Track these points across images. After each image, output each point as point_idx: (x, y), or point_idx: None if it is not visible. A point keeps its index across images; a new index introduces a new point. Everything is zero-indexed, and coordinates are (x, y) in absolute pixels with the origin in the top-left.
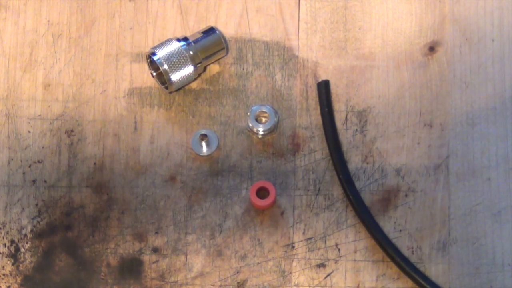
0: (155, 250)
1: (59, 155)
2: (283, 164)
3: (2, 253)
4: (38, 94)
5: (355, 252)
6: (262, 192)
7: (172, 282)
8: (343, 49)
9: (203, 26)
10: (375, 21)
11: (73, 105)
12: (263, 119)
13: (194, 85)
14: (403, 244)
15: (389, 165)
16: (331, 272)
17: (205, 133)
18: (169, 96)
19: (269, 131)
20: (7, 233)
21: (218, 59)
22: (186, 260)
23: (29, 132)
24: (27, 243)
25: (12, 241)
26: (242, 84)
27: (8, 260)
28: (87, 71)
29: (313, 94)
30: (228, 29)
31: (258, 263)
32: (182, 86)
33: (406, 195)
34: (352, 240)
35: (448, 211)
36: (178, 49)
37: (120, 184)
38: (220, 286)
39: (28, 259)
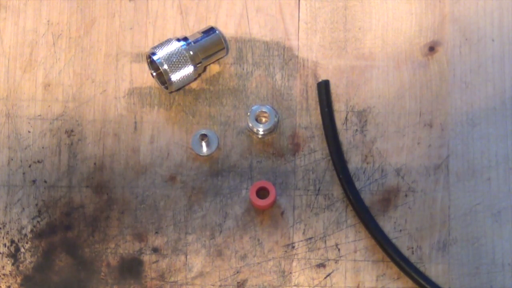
0: (155, 250)
1: (59, 155)
2: (283, 164)
3: (2, 253)
4: (38, 94)
5: (355, 252)
6: (262, 192)
7: (172, 282)
8: (343, 49)
9: (203, 26)
10: (375, 21)
11: (73, 105)
12: (263, 119)
13: (194, 85)
14: (403, 244)
15: (389, 165)
16: (331, 272)
17: (205, 133)
18: (169, 96)
19: (269, 131)
20: (7, 233)
21: (218, 59)
22: (186, 260)
23: (29, 132)
24: (27, 243)
25: (12, 241)
26: (242, 84)
27: (8, 260)
28: (87, 71)
29: (313, 94)
30: (228, 29)
31: (258, 263)
32: (182, 86)
33: (406, 195)
34: (352, 240)
35: (448, 211)
36: (178, 49)
37: (120, 184)
38: (220, 286)
39: (28, 259)
